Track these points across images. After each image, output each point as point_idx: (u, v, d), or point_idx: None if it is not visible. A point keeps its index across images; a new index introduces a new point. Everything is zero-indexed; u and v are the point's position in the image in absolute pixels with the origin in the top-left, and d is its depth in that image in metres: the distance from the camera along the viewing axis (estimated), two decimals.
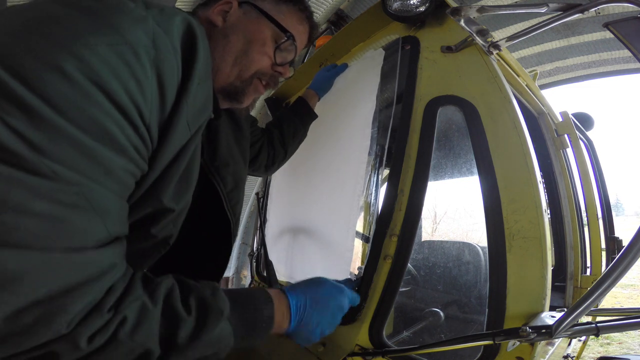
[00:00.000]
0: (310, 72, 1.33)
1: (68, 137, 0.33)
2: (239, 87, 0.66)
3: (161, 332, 0.43)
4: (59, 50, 0.34)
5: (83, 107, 0.34)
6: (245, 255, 1.62)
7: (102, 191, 0.37)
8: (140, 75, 0.38)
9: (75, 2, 0.38)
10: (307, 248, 1.14)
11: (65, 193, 0.34)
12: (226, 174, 0.73)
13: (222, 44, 0.63)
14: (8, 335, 0.32)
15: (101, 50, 0.36)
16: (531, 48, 3.52)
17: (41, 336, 0.34)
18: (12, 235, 0.31)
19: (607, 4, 0.64)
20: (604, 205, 1.47)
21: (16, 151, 0.31)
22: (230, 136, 0.79)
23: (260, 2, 0.67)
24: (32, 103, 0.32)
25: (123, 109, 0.37)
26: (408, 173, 0.80)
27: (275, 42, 0.67)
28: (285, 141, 1.11)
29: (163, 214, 0.50)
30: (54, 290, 0.34)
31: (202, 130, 0.53)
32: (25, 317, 0.32)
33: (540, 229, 0.64)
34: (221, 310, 0.49)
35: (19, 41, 0.33)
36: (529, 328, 0.51)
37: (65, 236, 0.34)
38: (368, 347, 0.74)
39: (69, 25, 0.36)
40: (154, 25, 0.41)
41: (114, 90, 0.36)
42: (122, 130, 0.38)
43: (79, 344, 0.36)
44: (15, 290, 0.31)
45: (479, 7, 0.78)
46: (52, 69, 0.33)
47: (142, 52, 0.38)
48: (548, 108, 1.38)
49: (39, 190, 0.32)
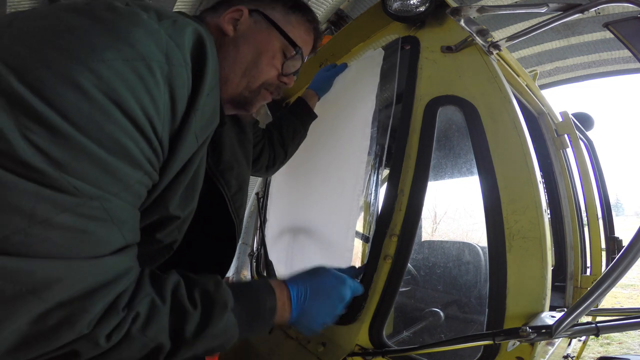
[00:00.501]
0: (310, 72, 1.33)
1: (87, 153, 0.35)
2: (248, 97, 0.66)
3: (170, 327, 0.45)
4: (75, 66, 0.35)
5: (100, 123, 0.36)
6: (245, 255, 1.62)
7: (119, 203, 0.39)
8: (154, 91, 0.39)
9: (89, 11, 0.39)
10: (307, 248, 1.14)
11: (86, 207, 0.36)
12: (230, 177, 0.73)
13: (232, 54, 0.63)
14: (34, 337, 0.34)
15: (117, 65, 0.37)
16: (531, 48, 3.53)
17: (65, 337, 0.36)
18: (40, 247, 0.33)
19: (607, 4, 0.64)
20: (604, 205, 1.48)
21: (40, 168, 0.33)
22: (234, 139, 0.79)
23: (270, 11, 0.67)
24: (53, 120, 0.33)
25: (138, 124, 0.39)
26: (408, 173, 0.80)
27: (284, 54, 0.67)
28: (285, 142, 1.12)
29: (169, 221, 0.52)
30: (77, 294, 0.36)
31: (208, 140, 0.54)
32: (50, 320, 0.34)
33: (540, 229, 0.64)
34: (225, 302, 0.51)
35: (36, 54, 0.34)
36: (529, 328, 0.51)
37: (88, 246, 0.37)
38: (368, 347, 0.74)
39: (84, 38, 0.36)
40: (166, 38, 0.41)
41: (130, 107, 0.37)
42: (136, 145, 0.39)
43: (99, 341, 0.38)
44: (42, 296, 0.33)
45: (479, 7, 0.78)
46: (70, 85, 0.34)
47: (156, 67, 0.39)
48: (548, 108, 1.38)
49: (63, 205, 0.34)
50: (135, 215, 0.43)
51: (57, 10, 0.38)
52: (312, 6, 2.71)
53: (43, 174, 0.33)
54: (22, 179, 0.32)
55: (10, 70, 0.33)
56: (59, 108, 0.33)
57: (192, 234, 0.61)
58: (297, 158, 1.21)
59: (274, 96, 0.72)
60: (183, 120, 0.45)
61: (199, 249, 0.71)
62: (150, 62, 0.39)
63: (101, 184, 0.37)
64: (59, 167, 0.33)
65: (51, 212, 0.33)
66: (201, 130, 0.49)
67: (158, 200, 0.48)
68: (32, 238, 0.33)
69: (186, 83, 0.44)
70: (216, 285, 0.51)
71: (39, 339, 0.35)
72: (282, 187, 1.40)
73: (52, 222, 0.33)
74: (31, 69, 0.33)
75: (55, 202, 0.34)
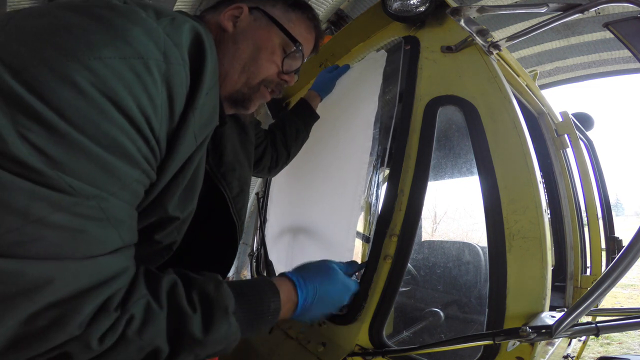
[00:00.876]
0: (309, 72, 1.33)
1: (84, 152, 0.35)
2: (246, 94, 0.66)
3: (168, 331, 0.43)
4: (72, 64, 0.34)
5: (97, 122, 0.35)
6: (245, 255, 1.62)
7: (116, 202, 0.38)
8: (151, 89, 0.39)
9: (87, 9, 0.38)
10: (307, 248, 1.14)
11: (83, 206, 0.35)
12: (232, 178, 0.73)
13: (231, 51, 0.63)
14: (24, 338, 0.33)
15: (114, 63, 0.36)
16: (531, 48, 3.52)
17: (55, 338, 0.35)
18: (33, 247, 0.33)
19: (607, 4, 0.64)
20: (604, 205, 1.48)
21: (36, 167, 0.32)
22: (235, 140, 0.79)
23: (270, 8, 0.67)
24: (49, 118, 0.33)
25: (135, 122, 0.38)
26: (408, 173, 0.80)
27: (284, 50, 0.67)
28: (288, 143, 1.12)
29: (168, 222, 0.51)
30: (68, 295, 0.35)
31: (207, 140, 0.53)
32: (40, 321, 0.34)
33: (540, 229, 0.64)
34: (226, 306, 0.49)
35: (33, 52, 0.34)
36: (529, 328, 0.51)
37: (83, 246, 0.36)
38: (368, 347, 0.74)
39: (82, 36, 0.36)
40: (164, 37, 0.41)
41: (127, 105, 0.37)
42: (134, 143, 0.39)
43: (91, 344, 0.37)
44: (32, 297, 0.33)
45: (479, 7, 0.78)
46: (67, 83, 0.34)
47: (154, 65, 0.39)
48: (548, 108, 1.38)
49: (58, 204, 0.33)
50: (133, 215, 0.43)
51: (54, 8, 0.38)
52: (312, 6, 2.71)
53: (39, 173, 0.32)
54: (17, 177, 0.32)
55: (7, 68, 0.32)
56: (56, 106, 0.33)
57: (193, 235, 0.60)
58: (299, 158, 1.21)
59: (274, 95, 0.71)
60: (181, 119, 0.45)
61: (200, 250, 0.71)
62: (148, 60, 0.39)
63: (98, 182, 0.36)
64: (55, 165, 0.33)
65: (45, 210, 0.33)
66: (200, 130, 0.48)
67: (156, 201, 0.47)
68: (26, 237, 0.32)
69: (184, 81, 0.43)
70: (216, 287, 0.50)
71: (29, 341, 0.34)
72: (283, 187, 1.40)
73: (46, 221, 0.33)
74: (28, 67, 0.33)
75: (50, 201, 0.33)
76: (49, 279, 0.33)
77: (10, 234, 0.31)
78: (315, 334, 0.83)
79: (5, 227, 0.31)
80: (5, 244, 0.32)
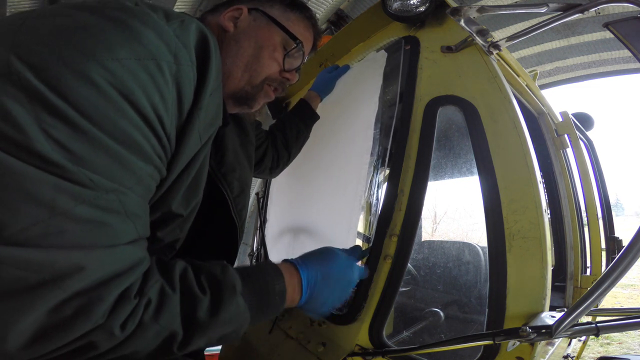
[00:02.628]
0: (309, 73, 1.33)
1: (104, 148, 0.36)
2: (250, 93, 0.67)
3: (182, 314, 0.45)
4: (91, 64, 0.36)
5: (115, 120, 0.37)
6: (245, 255, 1.62)
7: (132, 196, 0.40)
8: (163, 89, 0.41)
9: (101, 10, 0.40)
10: (308, 248, 1.13)
11: (103, 199, 0.37)
12: (233, 179, 0.74)
13: (234, 50, 0.64)
14: (51, 328, 0.35)
15: (130, 64, 0.38)
16: (531, 48, 3.52)
17: (81, 327, 0.36)
18: (60, 237, 0.34)
19: (607, 4, 0.64)
20: (604, 205, 1.48)
21: (59, 162, 0.34)
22: (236, 141, 0.79)
23: (269, 9, 0.68)
24: (70, 115, 0.34)
25: (149, 121, 0.40)
26: (408, 173, 0.80)
27: (285, 48, 0.68)
28: (289, 143, 1.12)
29: (171, 219, 0.52)
30: (94, 283, 0.37)
31: (211, 139, 0.55)
32: (67, 310, 0.35)
33: (540, 229, 0.64)
34: (234, 285, 0.51)
35: (53, 51, 0.35)
36: (529, 328, 0.51)
37: (106, 237, 0.38)
38: (368, 347, 0.74)
39: (99, 36, 0.38)
40: (175, 39, 0.43)
41: (142, 104, 0.39)
42: (148, 141, 0.41)
43: (114, 331, 0.39)
44: (62, 285, 0.34)
45: (479, 7, 0.78)
46: (87, 82, 0.35)
47: (166, 67, 0.41)
48: (548, 108, 1.38)
49: (81, 197, 0.35)
50: (146, 209, 0.44)
51: (69, 8, 0.40)
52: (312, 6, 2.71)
53: (62, 168, 0.34)
54: (41, 171, 0.33)
55: (29, 67, 0.34)
56: (76, 104, 0.35)
57: (194, 236, 0.61)
58: (299, 159, 1.21)
59: (277, 93, 0.72)
60: (187, 119, 0.46)
61: (201, 250, 0.71)
62: (161, 62, 0.41)
63: (116, 177, 0.38)
64: (76, 160, 0.35)
65: (70, 203, 0.34)
66: (204, 129, 0.50)
67: (161, 198, 0.49)
68: (53, 228, 0.34)
69: (192, 81, 0.45)
70: (223, 270, 0.52)
71: (57, 330, 0.35)
72: (283, 187, 1.40)
73: (70, 213, 0.34)
74: (49, 66, 0.34)
75: (73, 194, 0.35)
76: (79, 266, 0.35)
77: (37, 225, 0.33)
78: (315, 334, 0.83)
79: (33, 219, 0.33)
80: (34, 235, 0.33)
